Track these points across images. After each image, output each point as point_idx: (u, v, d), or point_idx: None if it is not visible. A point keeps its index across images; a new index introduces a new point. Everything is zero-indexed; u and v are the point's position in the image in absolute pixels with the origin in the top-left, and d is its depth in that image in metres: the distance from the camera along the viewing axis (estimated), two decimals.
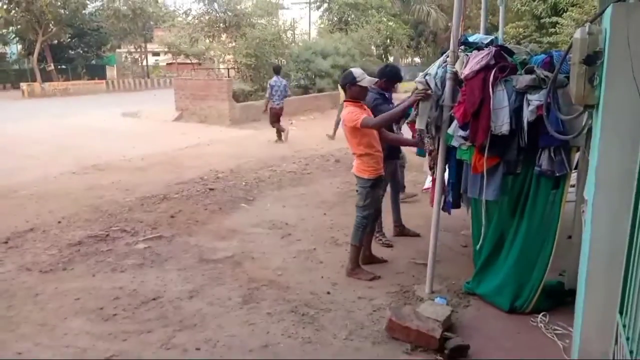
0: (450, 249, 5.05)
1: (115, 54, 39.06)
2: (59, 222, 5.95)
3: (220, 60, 22.40)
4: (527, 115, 3.42)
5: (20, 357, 3.27)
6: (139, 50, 38.71)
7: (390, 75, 5.02)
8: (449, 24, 21.08)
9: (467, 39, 4.17)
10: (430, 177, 5.76)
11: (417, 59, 41.43)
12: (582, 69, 2.53)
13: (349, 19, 27.26)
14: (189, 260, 4.85)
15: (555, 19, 14.73)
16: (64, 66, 33.03)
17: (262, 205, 6.76)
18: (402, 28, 28.74)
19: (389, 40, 28.49)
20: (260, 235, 5.59)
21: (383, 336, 3.44)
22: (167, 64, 40.02)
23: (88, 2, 31.62)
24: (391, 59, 31.01)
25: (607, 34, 2.44)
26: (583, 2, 13.78)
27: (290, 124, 14.81)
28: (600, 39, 2.49)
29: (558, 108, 3.19)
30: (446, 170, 4.15)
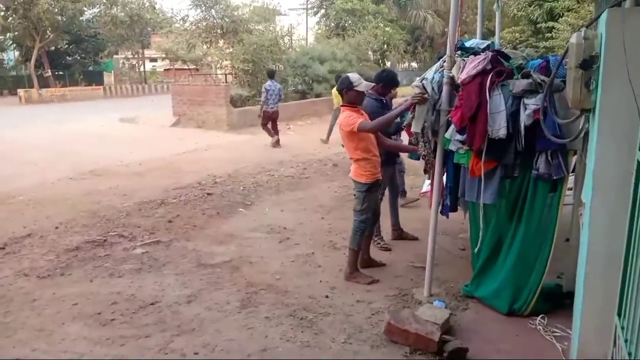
0: (448, 252, 5.05)
1: (113, 60, 39.05)
2: (57, 228, 5.94)
3: (218, 65, 22.48)
4: (524, 119, 3.44)
5: None
6: (136, 56, 38.72)
7: (387, 80, 5.03)
8: (446, 29, 21.21)
9: (464, 44, 4.19)
10: (428, 181, 5.80)
11: (414, 64, 41.61)
12: (579, 73, 2.55)
13: (346, 25, 27.35)
14: (187, 265, 4.85)
15: (551, 24, 14.79)
16: (61, 72, 33.08)
17: (260, 210, 6.76)
18: (399, 33, 28.87)
19: (386, 46, 28.58)
20: (259, 239, 5.59)
21: (382, 339, 3.44)
22: (165, 69, 40.10)
23: (85, 9, 31.60)
24: (388, 64, 31.08)
25: (603, 38, 2.46)
26: (579, 7, 13.84)
27: (288, 128, 14.85)
28: (596, 43, 2.52)
29: (555, 112, 3.22)
30: (444, 174, 4.17)
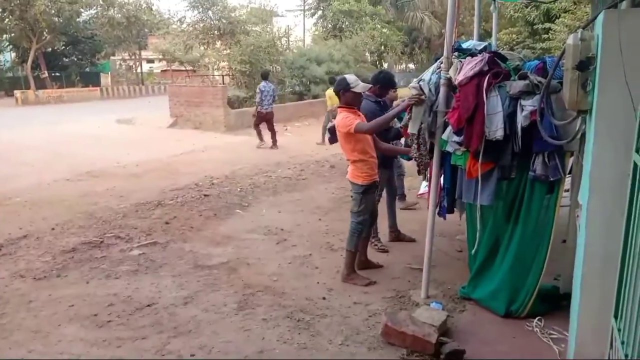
0: (445, 254, 5.05)
1: (110, 62, 38.99)
2: (53, 229, 5.92)
3: (215, 67, 22.43)
4: (521, 121, 3.45)
5: None
6: (133, 57, 38.67)
7: (384, 82, 5.04)
8: (443, 31, 21.19)
9: (461, 45, 4.20)
10: (426, 183, 5.81)
11: (412, 65, 41.60)
12: (575, 74, 2.56)
13: (343, 26, 27.34)
14: (184, 267, 4.84)
15: (548, 25, 14.82)
16: (58, 74, 32.92)
17: (257, 211, 6.75)
18: (396, 35, 28.88)
19: (383, 47, 28.61)
20: (256, 241, 5.58)
21: (379, 341, 3.44)
22: (162, 71, 40.04)
23: (82, 10, 31.49)
24: (385, 65, 31.09)
25: (600, 40, 2.47)
26: (575, 9, 13.87)
27: (285, 130, 14.84)
28: (592, 45, 2.53)
29: (552, 113, 3.22)
30: (441, 176, 4.17)
